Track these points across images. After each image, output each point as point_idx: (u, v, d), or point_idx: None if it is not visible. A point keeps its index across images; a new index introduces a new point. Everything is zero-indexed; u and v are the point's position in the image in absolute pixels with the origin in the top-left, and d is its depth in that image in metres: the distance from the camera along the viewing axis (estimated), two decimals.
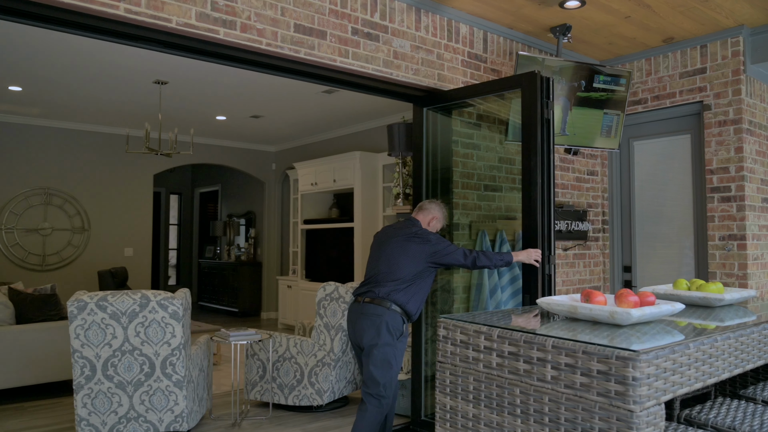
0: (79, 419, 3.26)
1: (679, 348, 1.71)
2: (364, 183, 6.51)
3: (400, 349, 3.03)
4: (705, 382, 1.83)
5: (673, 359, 1.69)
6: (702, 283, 2.63)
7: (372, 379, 2.93)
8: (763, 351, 2.13)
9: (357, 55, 3.32)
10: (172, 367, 3.29)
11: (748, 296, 2.61)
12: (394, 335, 2.96)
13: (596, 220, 4.86)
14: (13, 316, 4.51)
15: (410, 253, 2.99)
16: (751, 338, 2.07)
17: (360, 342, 3.01)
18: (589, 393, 1.64)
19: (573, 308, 2.04)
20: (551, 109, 3.35)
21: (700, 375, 1.81)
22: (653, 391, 1.60)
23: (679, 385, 1.71)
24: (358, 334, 3.01)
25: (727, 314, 2.38)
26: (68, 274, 7.53)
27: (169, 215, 11.46)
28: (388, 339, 2.94)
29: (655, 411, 1.61)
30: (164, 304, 3.27)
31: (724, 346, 1.91)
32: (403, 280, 2.97)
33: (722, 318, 2.30)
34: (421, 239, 3.04)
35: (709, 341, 1.84)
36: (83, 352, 3.23)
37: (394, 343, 2.97)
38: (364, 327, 2.96)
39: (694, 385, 1.77)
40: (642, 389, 1.56)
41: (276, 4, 3.00)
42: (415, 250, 3.00)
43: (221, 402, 4.34)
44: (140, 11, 2.57)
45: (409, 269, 2.98)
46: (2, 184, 7.14)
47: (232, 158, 8.92)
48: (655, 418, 1.61)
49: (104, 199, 7.83)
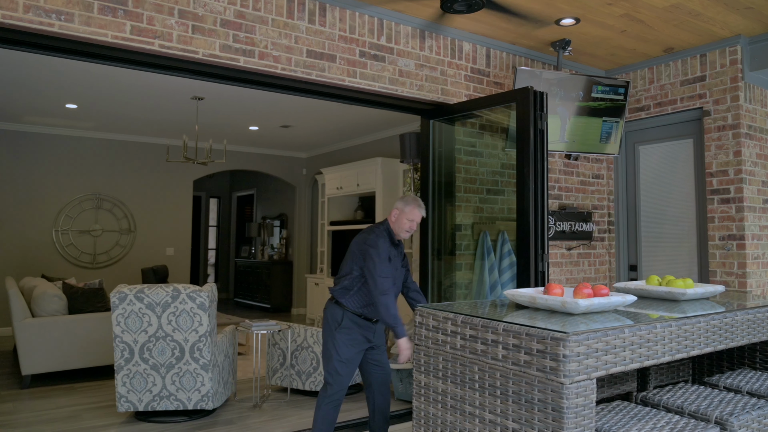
0: (119, 396, 3.73)
1: (613, 332, 1.98)
2: (385, 187, 6.88)
3: (341, 340, 3.09)
4: (642, 363, 2.10)
5: (606, 341, 1.96)
6: (671, 279, 2.87)
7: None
8: (711, 339, 2.36)
9: (364, 74, 3.68)
10: (199, 351, 3.73)
11: (715, 291, 2.82)
12: (332, 326, 3.12)
13: (602, 221, 5.07)
14: (66, 307, 5.07)
15: (354, 260, 3.14)
16: (696, 327, 2.30)
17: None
18: (530, 369, 1.94)
19: (532, 299, 2.33)
20: (545, 121, 3.62)
21: (637, 357, 2.07)
22: (583, 367, 1.88)
23: (613, 364, 1.98)
24: None
25: (690, 307, 2.60)
26: (116, 271, 8.19)
27: (208, 217, 12.12)
28: (327, 330, 3.15)
29: (585, 384, 1.89)
30: (193, 296, 3.71)
31: (664, 333, 2.16)
32: (346, 279, 3.15)
33: (684, 310, 2.52)
34: (362, 252, 3.08)
35: (647, 327, 2.10)
36: (123, 338, 3.71)
37: (332, 333, 3.12)
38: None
39: (629, 365, 2.04)
40: (572, 365, 1.85)
41: (290, 33, 3.39)
42: (356, 258, 3.13)
43: (245, 387, 4.78)
44: (172, 46, 3.01)
45: (352, 272, 3.14)
46: (59, 190, 7.84)
47: (266, 164, 9.45)
48: (585, 391, 1.90)
49: (148, 203, 8.47)
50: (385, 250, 3.07)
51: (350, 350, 3.12)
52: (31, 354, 4.75)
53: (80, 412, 4.13)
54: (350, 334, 3.12)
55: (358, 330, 3.14)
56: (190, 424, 3.87)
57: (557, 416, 1.85)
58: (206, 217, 12.06)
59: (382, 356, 3.33)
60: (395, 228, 3.15)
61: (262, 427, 3.82)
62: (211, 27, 3.15)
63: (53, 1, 2.75)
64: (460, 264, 4.24)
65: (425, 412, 2.38)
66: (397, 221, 3.14)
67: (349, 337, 3.12)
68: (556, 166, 4.76)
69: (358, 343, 3.14)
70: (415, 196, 3.22)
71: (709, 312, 2.40)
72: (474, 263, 4.25)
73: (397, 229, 3.15)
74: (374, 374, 3.28)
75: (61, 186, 7.86)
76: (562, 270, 4.73)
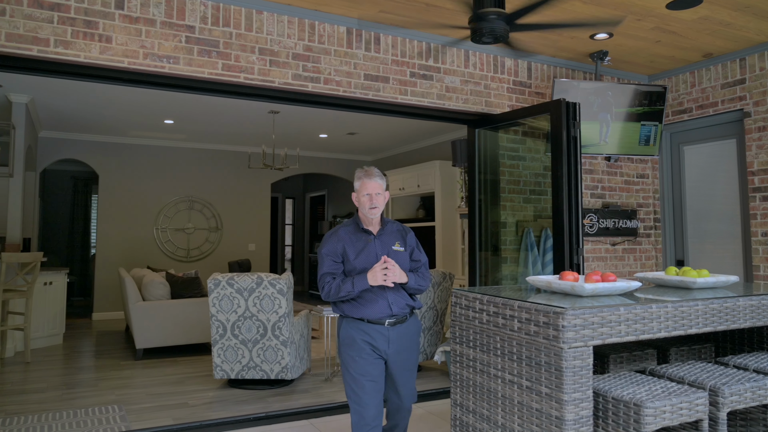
0: (215, 365, 4.50)
1: (609, 309, 2.42)
2: (443, 187, 7.39)
3: (345, 354, 2.70)
4: (638, 337, 2.51)
5: (602, 316, 2.41)
6: (687, 270, 3.21)
7: None
8: (709, 320, 2.71)
9: (414, 92, 4.23)
10: (279, 330, 4.43)
11: (727, 281, 3.12)
12: (339, 342, 2.76)
13: (647, 218, 5.35)
14: (169, 293, 5.98)
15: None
16: (693, 309, 2.67)
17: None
18: (538, 337, 2.42)
19: (548, 284, 2.80)
20: (578, 128, 4.03)
21: (633, 331, 2.49)
22: (580, 336, 2.34)
23: (609, 335, 2.43)
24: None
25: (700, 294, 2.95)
26: (206, 263, 9.25)
27: (285, 216, 13.10)
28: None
29: (582, 350, 2.35)
30: (273, 282, 4.42)
31: (660, 312, 2.56)
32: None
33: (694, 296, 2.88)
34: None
35: (642, 307, 2.51)
36: (218, 317, 4.47)
37: (339, 350, 2.74)
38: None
39: (625, 338, 2.47)
40: (569, 334, 2.32)
41: (350, 61, 4.01)
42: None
43: (318, 364, 5.48)
44: (254, 77, 3.69)
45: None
46: (159, 194, 8.97)
47: (335, 168, 10.24)
48: (582, 355, 2.35)
49: (233, 204, 9.47)
50: (330, 245, 2.70)
51: (356, 363, 2.64)
52: (142, 331, 5.68)
53: (184, 379, 4.96)
54: (351, 344, 2.67)
55: (356, 335, 2.68)
56: (272, 391, 4.58)
57: (558, 375, 2.32)
58: (283, 216, 13.05)
59: (399, 381, 2.76)
60: (361, 212, 2.74)
61: (331, 396, 4.47)
62: (284, 60, 3.81)
63: (164, 48, 3.50)
64: (505, 258, 4.70)
65: (461, 375, 2.90)
66: (358, 203, 2.74)
67: (351, 348, 2.67)
68: (599, 167, 5.11)
69: (360, 351, 2.65)
70: (364, 167, 2.78)
71: (710, 297, 2.76)
72: (518, 257, 4.70)
73: (362, 210, 2.72)
74: (389, 399, 2.81)
75: (160, 190, 8.97)
76: (606, 264, 5.07)
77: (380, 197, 2.71)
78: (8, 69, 3.28)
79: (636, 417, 2.27)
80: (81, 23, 3.27)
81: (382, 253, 2.68)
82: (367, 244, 2.71)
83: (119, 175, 8.72)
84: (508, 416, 2.55)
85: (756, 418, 2.66)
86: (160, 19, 3.47)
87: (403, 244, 2.79)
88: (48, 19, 3.19)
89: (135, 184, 8.83)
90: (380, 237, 2.75)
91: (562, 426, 2.28)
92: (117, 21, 3.36)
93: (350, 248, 2.70)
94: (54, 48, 3.20)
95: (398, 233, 2.81)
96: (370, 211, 2.69)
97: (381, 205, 2.72)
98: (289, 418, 3.95)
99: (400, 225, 2.88)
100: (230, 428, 3.78)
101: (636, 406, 2.27)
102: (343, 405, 4.12)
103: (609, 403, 2.39)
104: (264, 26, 3.75)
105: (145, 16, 3.43)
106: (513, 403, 2.52)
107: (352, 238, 2.72)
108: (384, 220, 2.82)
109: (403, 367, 2.76)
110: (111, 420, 3.84)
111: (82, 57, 3.27)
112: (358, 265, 2.67)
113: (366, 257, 2.68)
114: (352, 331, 2.69)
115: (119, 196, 8.72)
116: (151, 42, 3.44)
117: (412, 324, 2.80)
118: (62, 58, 3.24)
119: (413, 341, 2.80)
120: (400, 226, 2.87)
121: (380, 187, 2.72)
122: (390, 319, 2.70)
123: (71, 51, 3.24)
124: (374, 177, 2.71)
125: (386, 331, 2.69)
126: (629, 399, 2.31)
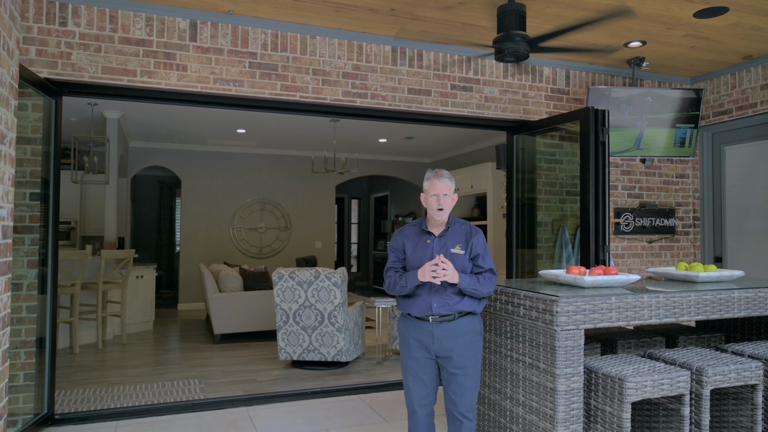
0: (280, 348, 5.15)
1: (601, 298, 2.78)
2: (495, 188, 7.73)
3: (401, 348, 2.84)
4: (629, 323, 2.85)
5: (594, 304, 2.77)
6: (695, 265, 3.47)
7: None
8: (702, 310, 2.99)
9: (455, 103, 4.67)
10: (335, 318, 5.00)
11: (731, 276, 3.33)
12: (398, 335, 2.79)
13: (686, 216, 5.48)
14: (241, 286, 6.74)
15: None
16: (686, 299, 2.96)
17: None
18: (538, 321, 2.81)
19: (556, 277, 3.17)
20: (606, 134, 4.32)
21: (623, 317, 2.83)
22: (572, 320, 2.72)
23: (600, 321, 2.79)
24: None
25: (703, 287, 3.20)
26: (276, 260, 10.07)
27: (350, 216, 13.81)
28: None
29: (574, 333, 2.73)
30: (329, 276, 5.00)
31: (651, 301, 2.88)
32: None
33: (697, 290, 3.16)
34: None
35: (634, 297, 2.84)
36: (281, 306, 5.11)
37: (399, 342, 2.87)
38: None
39: (616, 323, 2.82)
40: (562, 318, 2.70)
41: (394, 77, 4.50)
42: None
43: (372, 350, 6.01)
44: (308, 96, 4.27)
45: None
46: (234, 196, 9.87)
47: (396, 170, 10.79)
48: (574, 336, 2.73)
49: (300, 205, 10.24)
50: (394, 240, 2.81)
51: (404, 357, 2.78)
52: (219, 319, 6.46)
53: (254, 360, 5.66)
54: (403, 338, 2.80)
55: (405, 329, 2.77)
56: (329, 371, 5.17)
57: (552, 353, 2.71)
58: (349, 215, 13.76)
59: (449, 386, 2.73)
60: (429, 212, 2.76)
61: (381, 377, 4.98)
62: (335, 79, 4.36)
63: (230, 73, 4.14)
64: (540, 254, 5.03)
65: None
66: (425, 204, 2.76)
67: (402, 341, 2.80)
68: (637, 168, 5.31)
69: (408, 347, 2.75)
70: (434, 169, 2.81)
71: (703, 289, 3.03)
72: (554, 254, 5.02)
73: (430, 211, 2.74)
74: (446, 403, 2.79)
75: (234, 192, 9.88)
76: (642, 261, 5.27)
77: (448, 198, 2.70)
78: (104, 96, 3.97)
79: (620, 390, 2.62)
80: (162, 55, 3.96)
81: (438, 253, 2.68)
82: (425, 244, 2.73)
83: (199, 179, 9.68)
84: (514, 388, 2.96)
85: (745, 398, 2.91)
86: (227, 48, 4.11)
87: (465, 246, 2.73)
88: (135, 53, 3.89)
89: (213, 188, 9.76)
90: (441, 238, 2.73)
91: (554, 396, 2.67)
92: (191, 52, 4.02)
93: (409, 244, 2.76)
94: (140, 78, 3.90)
95: (463, 235, 2.76)
96: (437, 212, 2.69)
97: (448, 207, 2.71)
98: (341, 393, 4.50)
99: (469, 226, 2.81)
100: (290, 400, 4.38)
101: (620, 380, 2.62)
102: (390, 384, 4.63)
103: (600, 378, 2.75)
104: (317, 49, 4.31)
105: (214, 46, 4.08)
106: (518, 377, 2.93)
107: (414, 237, 2.77)
108: (451, 221, 2.78)
109: (455, 365, 2.70)
110: (193, 390, 4.56)
111: (163, 84, 3.95)
112: (413, 261, 2.72)
113: (421, 255, 2.71)
114: (402, 325, 2.78)
115: (199, 199, 9.67)
116: (220, 68, 4.09)
117: (462, 323, 2.72)
118: (147, 86, 3.91)
119: (465, 340, 2.72)
120: (468, 227, 2.80)
121: (448, 188, 2.71)
122: (434, 316, 2.69)
123: (154, 80, 3.93)
124: (443, 178, 2.71)
125: (431, 327, 2.69)
126: (615, 374, 2.66)
